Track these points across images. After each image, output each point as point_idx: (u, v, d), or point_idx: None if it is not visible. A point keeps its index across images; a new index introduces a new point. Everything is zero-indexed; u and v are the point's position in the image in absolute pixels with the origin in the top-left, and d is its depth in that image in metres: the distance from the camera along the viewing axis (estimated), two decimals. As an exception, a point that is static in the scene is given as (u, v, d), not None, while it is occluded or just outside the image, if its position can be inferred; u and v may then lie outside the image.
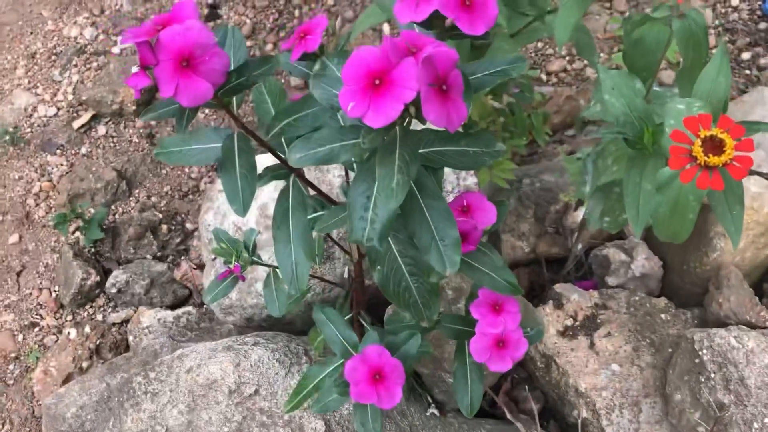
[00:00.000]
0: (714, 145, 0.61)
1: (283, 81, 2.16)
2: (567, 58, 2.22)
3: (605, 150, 0.97)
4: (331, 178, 1.31)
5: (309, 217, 0.91)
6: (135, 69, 0.72)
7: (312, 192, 0.97)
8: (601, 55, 2.19)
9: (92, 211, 1.87)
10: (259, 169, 0.85)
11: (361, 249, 1.11)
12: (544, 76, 2.18)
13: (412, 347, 0.90)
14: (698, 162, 0.62)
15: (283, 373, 1.08)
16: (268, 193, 1.29)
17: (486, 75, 0.84)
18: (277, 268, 1.10)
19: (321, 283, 1.26)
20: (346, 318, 1.05)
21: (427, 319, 0.92)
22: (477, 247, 0.87)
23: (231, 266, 1.05)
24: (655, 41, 1.11)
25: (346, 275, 1.15)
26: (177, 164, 1.23)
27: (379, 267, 0.89)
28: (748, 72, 2.10)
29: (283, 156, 0.91)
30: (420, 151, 0.82)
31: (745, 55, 2.12)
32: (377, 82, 0.62)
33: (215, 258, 1.26)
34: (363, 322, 1.10)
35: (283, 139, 0.89)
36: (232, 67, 0.81)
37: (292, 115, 0.84)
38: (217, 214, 1.35)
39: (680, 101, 0.80)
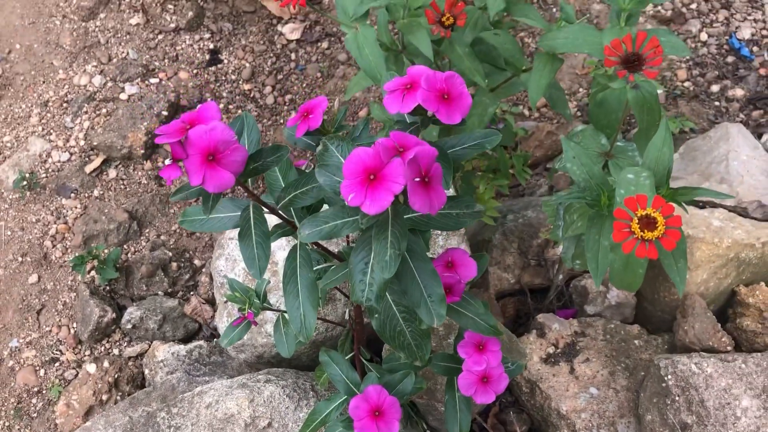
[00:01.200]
0: (648, 222, 0.75)
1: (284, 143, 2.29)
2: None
3: (571, 207, 1.11)
4: (331, 226, 1.45)
5: (315, 268, 1.05)
6: (167, 162, 0.85)
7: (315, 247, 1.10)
8: (580, 90, 2.34)
9: (107, 251, 2.00)
10: (270, 224, 0.98)
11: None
12: (526, 112, 2.33)
13: (407, 385, 1.03)
14: (636, 236, 0.76)
15: (292, 407, 1.21)
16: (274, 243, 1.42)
17: (464, 148, 0.98)
18: (285, 312, 1.24)
19: (324, 323, 1.40)
20: (347, 357, 1.18)
21: (419, 359, 1.05)
22: (461, 297, 1.00)
23: (245, 313, 1.18)
24: (617, 102, 1.26)
25: (347, 316, 1.28)
26: (199, 231, 1.36)
27: (376, 315, 1.02)
28: (717, 103, 2.25)
29: (292, 221, 1.04)
30: (407, 216, 0.96)
31: (714, 88, 2.27)
32: (372, 177, 0.76)
33: (227, 301, 1.39)
34: (363, 359, 1.23)
35: (292, 209, 1.02)
36: (248, 151, 0.94)
37: (299, 188, 0.97)
38: (228, 260, 1.48)
39: (630, 171, 0.94)
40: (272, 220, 1.08)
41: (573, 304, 1.70)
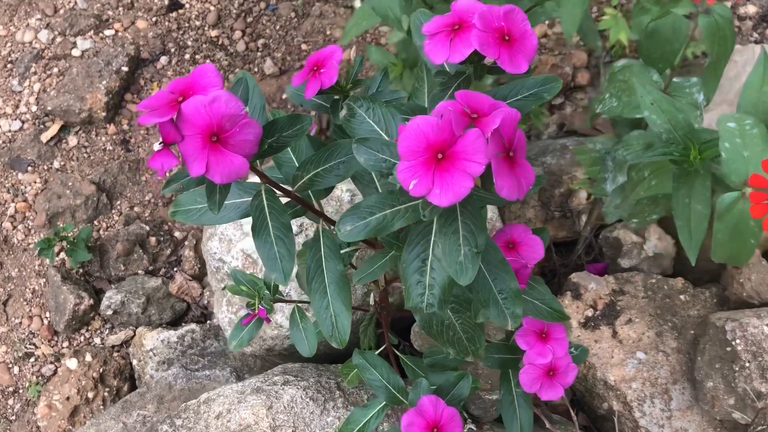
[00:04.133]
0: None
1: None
2: (547, 22, 2.15)
3: (638, 163, 0.93)
4: (340, 194, 1.25)
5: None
6: (157, 146, 0.65)
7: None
8: (594, 9, 2.13)
9: (76, 231, 1.78)
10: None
11: (387, 276, 1.06)
12: (525, 43, 2.12)
13: (464, 389, 0.86)
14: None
15: (318, 412, 1.04)
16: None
17: (518, 100, 0.79)
18: (301, 303, 1.06)
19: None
20: (377, 352, 1.01)
21: (473, 355, 0.89)
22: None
23: (254, 310, 1.00)
24: (673, 31, 1.07)
25: (371, 301, 1.10)
26: (197, 224, 1.17)
27: (420, 308, 0.85)
28: None
29: (310, 203, 0.85)
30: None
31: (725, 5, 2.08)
32: (440, 156, 0.57)
33: (224, 288, 1.20)
34: (396, 351, 1.06)
35: (310, 192, 0.83)
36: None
37: (319, 165, 0.78)
38: (222, 240, 1.29)
39: (729, 118, 0.76)
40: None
41: (603, 257, 1.54)
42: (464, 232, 0.62)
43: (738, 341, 1.15)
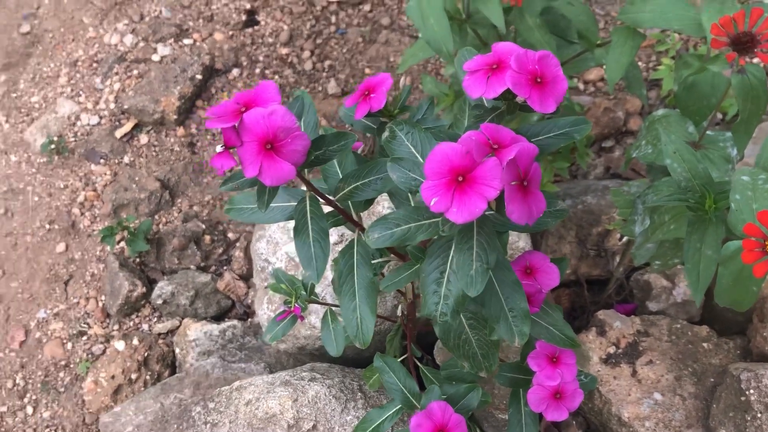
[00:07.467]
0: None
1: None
2: (605, 66, 2.20)
3: (661, 206, 0.98)
4: (381, 209, 1.33)
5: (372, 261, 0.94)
6: (219, 149, 0.74)
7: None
8: (653, 58, 2.17)
9: (137, 222, 1.91)
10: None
11: (415, 290, 1.13)
12: (581, 86, 2.18)
13: (473, 400, 0.93)
14: (770, 258, 0.64)
15: (339, 409, 1.12)
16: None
17: (549, 138, 0.86)
18: (333, 306, 1.14)
19: (371, 314, 1.29)
20: (399, 359, 1.08)
21: (486, 371, 0.95)
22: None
23: (290, 308, 1.08)
24: (710, 87, 1.12)
25: (399, 312, 1.18)
26: (248, 222, 1.26)
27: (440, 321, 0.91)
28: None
29: (349, 213, 0.93)
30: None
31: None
32: (460, 178, 0.65)
33: (267, 287, 1.29)
34: (418, 362, 1.13)
35: (350, 202, 0.91)
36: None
37: (360, 179, 0.86)
38: (270, 242, 1.38)
39: (745, 172, 0.82)
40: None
41: (633, 298, 1.58)
42: (478, 249, 0.69)
43: (752, 391, 1.18)
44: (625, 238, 1.56)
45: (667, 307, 1.50)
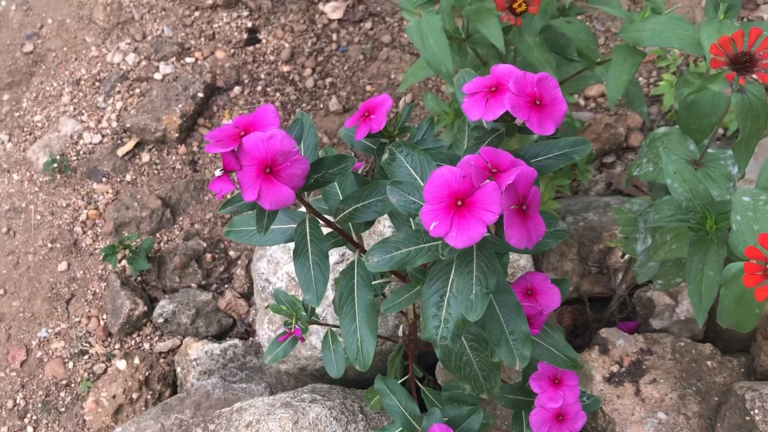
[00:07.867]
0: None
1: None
2: (605, 83, 2.20)
3: (663, 225, 0.98)
4: (382, 229, 1.33)
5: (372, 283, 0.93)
6: (218, 173, 0.74)
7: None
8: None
9: (139, 241, 1.91)
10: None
11: (417, 311, 1.13)
12: (582, 101, 2.18)
13: (475, 423, 0.92)
14: (773, 281, 0.64)
15: (340, 431, 1.11)
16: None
17: (549, 158, 0.86)
18: (333, 327, 1.13)
19: (372, 333, 1.29)
20: (400, 381, 1.07)
21: (487, 392, 0.94)
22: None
23: (291, 329, 1.08)
24: (711, 105, 1.12)
25: (400, 333, 1.17)
26: (248, 244, 1.27)
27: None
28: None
29: (349, 235, 0.93)
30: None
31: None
32: (459, 203, 0.64)
33: (267, 307, 1.29)
34: (419, 383, 1.12)
35: (350, 224, 0.91)
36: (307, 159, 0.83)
37: (360, 201, 0.86)
38: (270, 262, 1.38)
39: (746, 193, 0.81)
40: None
41: (636, 316, 1.57)
42: (478, 273, 0.69)
43: (756, 411, 1.17)
44: (627, 256, 1.56)
45: (671, 325, 1.49)
